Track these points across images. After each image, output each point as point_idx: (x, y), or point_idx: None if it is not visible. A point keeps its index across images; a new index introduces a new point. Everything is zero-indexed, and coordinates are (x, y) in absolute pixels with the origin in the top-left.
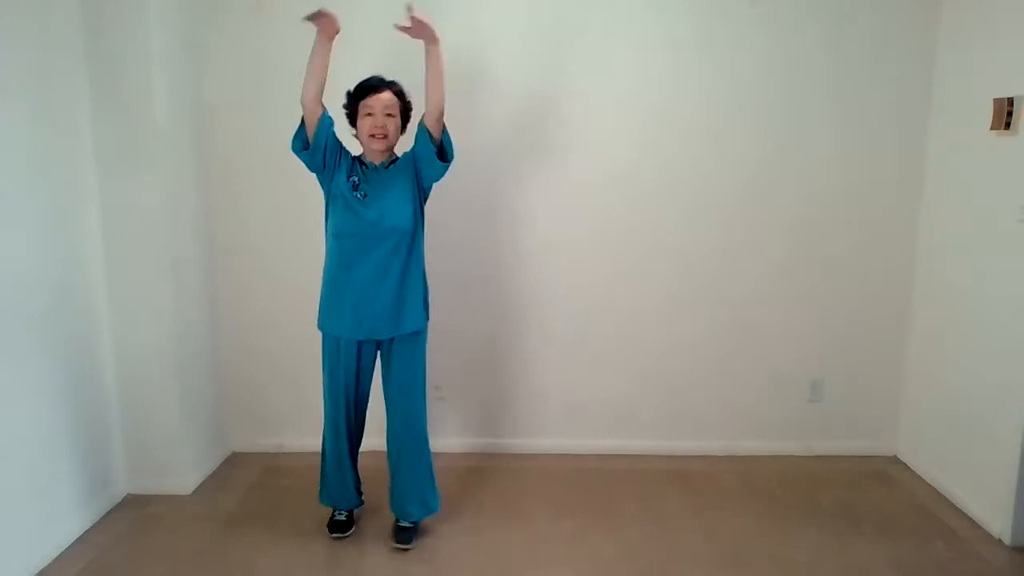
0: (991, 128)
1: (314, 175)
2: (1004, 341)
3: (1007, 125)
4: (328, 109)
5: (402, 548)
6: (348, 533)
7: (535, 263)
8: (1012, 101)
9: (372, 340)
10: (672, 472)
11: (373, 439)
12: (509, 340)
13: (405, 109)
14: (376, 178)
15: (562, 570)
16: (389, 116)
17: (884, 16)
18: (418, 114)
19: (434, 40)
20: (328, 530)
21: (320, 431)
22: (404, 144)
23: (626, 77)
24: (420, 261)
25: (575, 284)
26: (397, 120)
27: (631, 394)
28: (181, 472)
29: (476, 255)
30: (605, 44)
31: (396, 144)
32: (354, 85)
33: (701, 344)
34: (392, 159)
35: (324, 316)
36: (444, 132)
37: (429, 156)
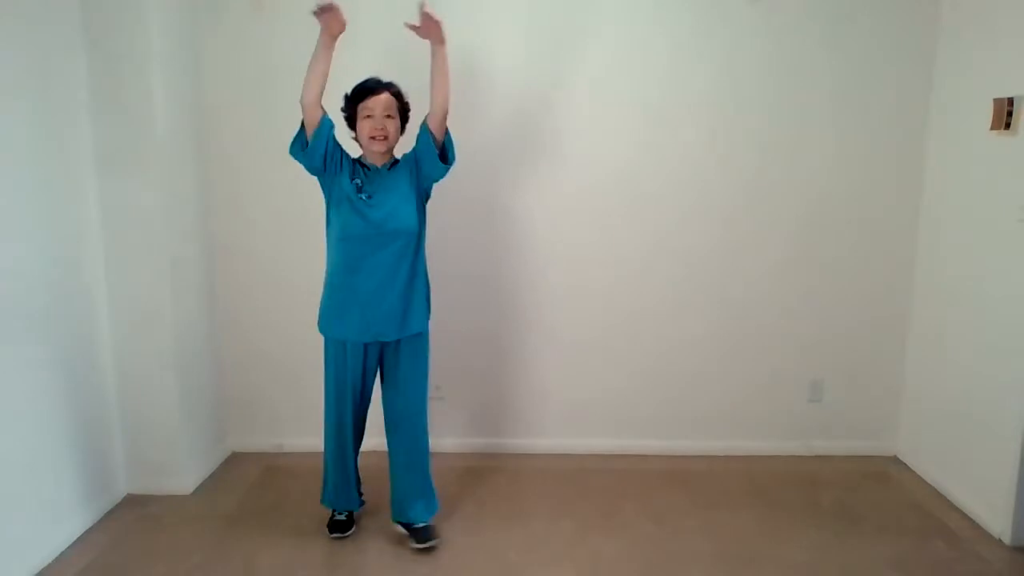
0: (991, 128)
1: (314, 178)
2: (1004, 341)
3: (1007, 125)
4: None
5: (428, 547)
6: (348, 533)
7: (535, 263)
8: (1012, 101)
9: (377, 342)
10: (672, 472)
11: (372, 439)
12: (509, 340)
13: (404, 110)
14: (379, 180)
15: (562, 570)
16: (389, 117)
17: (884, 16)
18: (417, 114)
19: (441, 41)
20: (328, 530)
21: (320, 431)
22: (403, 145)
23: (626, 77)
24: (424, 262)
25: (575, 284)
26: (397, 121)
27: (631, 394)
28: (181, 472)
29: (476, 255)
30: (605, 44)
31: (396, 145)
32: (351, 88)
33: (701, 344)
34: (393, 160)
35: (329, 319)
36: (446, 134)
37: (431, 157)
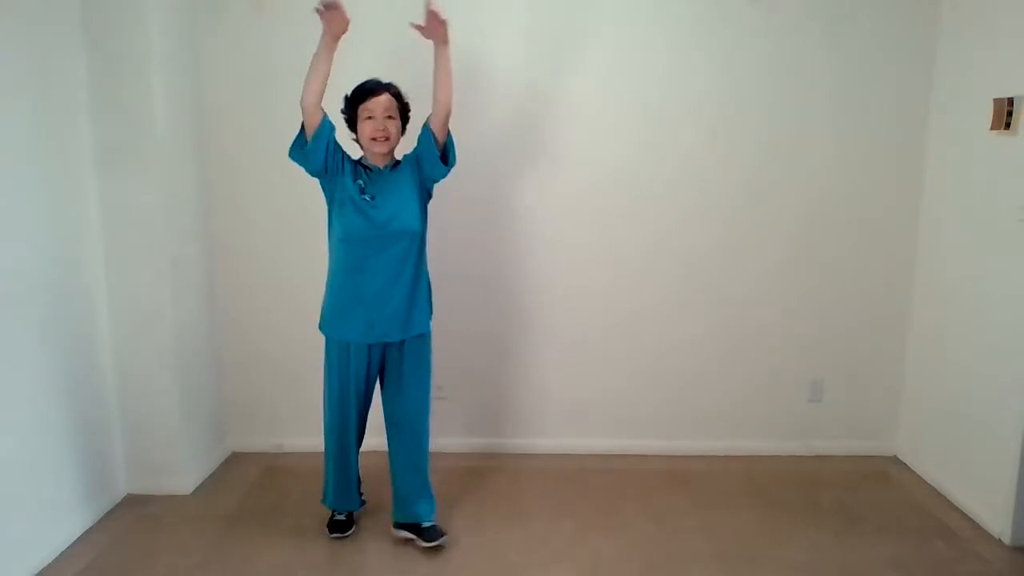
0: (991, 128)
1: (315, 179)
2: (1004, 341)
3: (1007, 125)
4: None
5: (438, 545)
6: (348, 533)
7: (535, 263)
8: (1012, 101)
9: (380, 343)
10: (672, 472)
11: (372, 439)
12: (510, 340)
13: (404, 110)
14: (381, 181)
15: (562, 570)
16: (390, 118)
17: (884, 16)
18: (417, 114)
19: (445, 42)
20: (328, 530)
21: (319, 431)
22: (404, 146)
23: (626, 77)
24: (426, 262)
25: (575, 284)
26: (398, 122)
27: (631, 394)
28: (181, 472)
29: (476, 255)
30: (605, 44)
31: (397, 145)
32: (351, 89)
33: (701, 344)
34: (394, 161)
35: (332, 321)
36: (448, 135)
37: (432, 159)
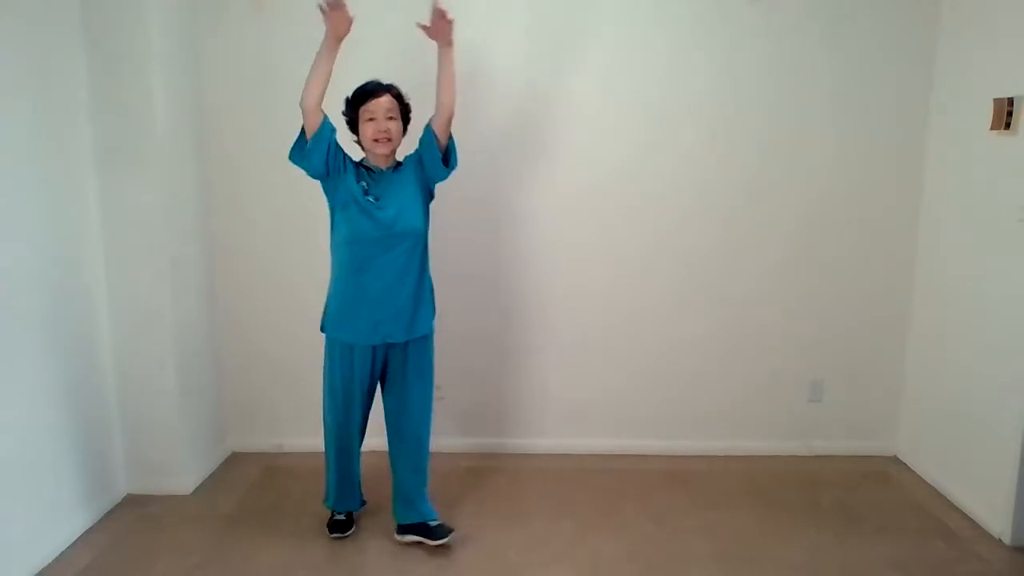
0: (991, 128)
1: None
2: (1004, 341)
3: (1007, 125)
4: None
5: (446, 541)
6: (348, 533)
7: (535, 263)
8: (1012, 101)
9: (385, 344)
10: (672, 472)
11: (371, 439)
12: (510, 340)
13: (405, 111)
14: (384, 182)
15: (562, 570)
16: (391, 119)
17: (884, 16)
18: (420, 116)
19: (450, 43)
20: (328, 530)
21: (319, 431)
22: (404, 147)
23: (626, 77)
24: (428, 263)
25: (575, 284)
26: (399, 122)
27: (631, 394)
28: (181, 472)
29: (476, 255)
30: (605, 44)
31: (399, 146)
32: (351, 91)
33: (702, 344)
34: (396, 162)
35: (337, 323)
36: (450, 137)
37: (434, 161)
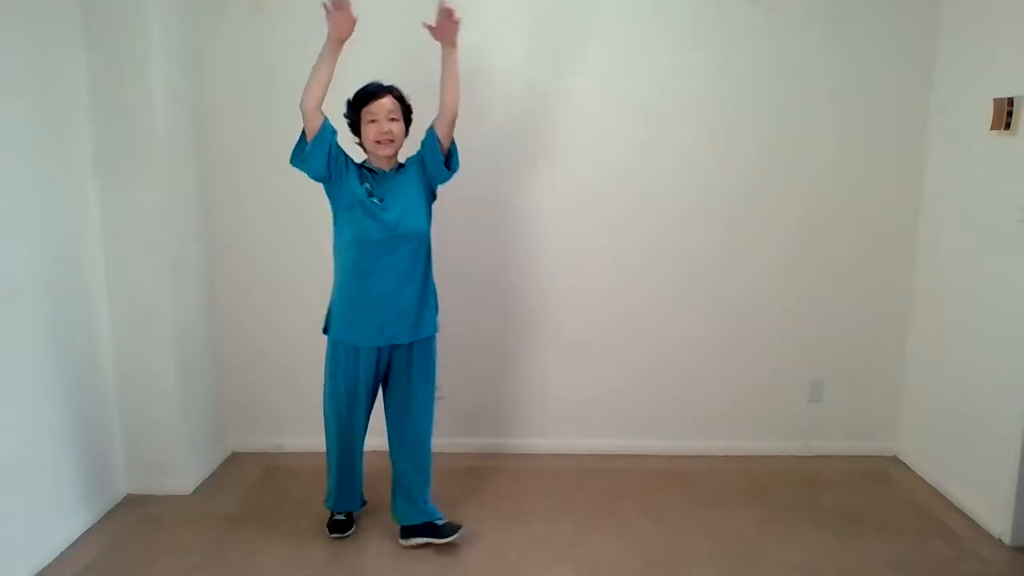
0: (991, 128)
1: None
2: (1004, 341)
3: (1007, 125)
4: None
5: (455, 538)
6: (348, 533)
7: (535, 263)
8: (1012, 101)
9: (390, 345)
10: (672, 472)
11: (371, 439)
12: (510, 340)
13: (406, 112)
14: (387, 183)
15: (562, 570)
16: (393, 120)
17: (884, 16)
18: (422, 118)
19: (454, 44)
20: (328, 530)
21: (319, 431)
22: (405, 149)
23: (626, 77)
24: (432, 264)
25: (576, 284)
26: (401, 123)
27: (631, 394)
28: (181, 472)
29: (476, 255)
30: (605, 44)
31: (401, 147)
32: (353, 93)
33: (702, 344)
34: (398, 164)
35: (342, 325)
36: (451, 141)
37: (436, 164)
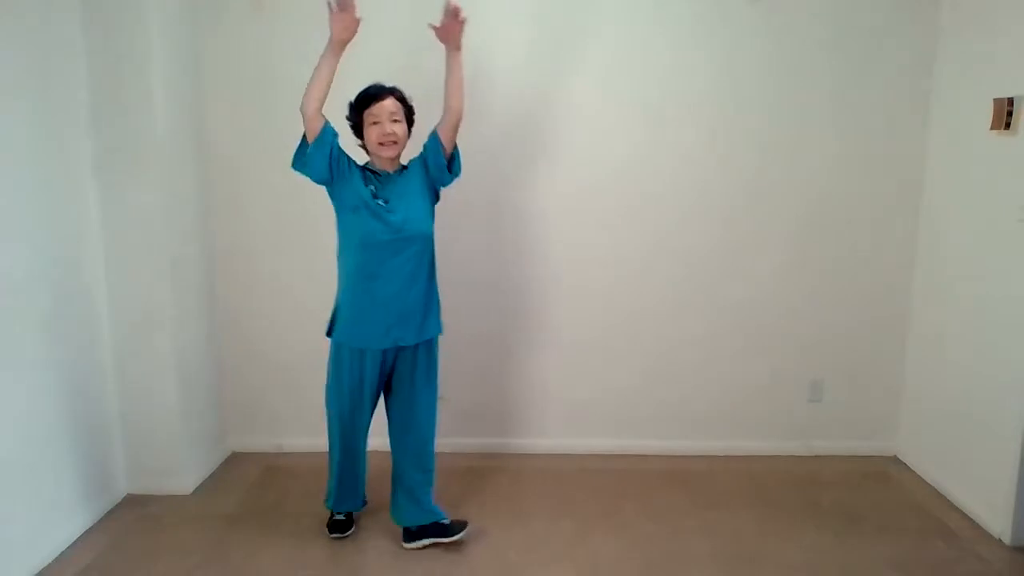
0: (991, 128)
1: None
2: (1004, 341)
3: (1007, 125)
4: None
5: (462, 536)
6: (348, 533)
7: (535, 263)
8: (1012, 101)
9: (395, 347)
10: (672, 472)
11: (371, 439)
12: (510, 340)
13: (409, 113)
14: (391, 185)
15: (562, 570)
16: (396, 122)
17: (884, 16)
18: (425, 120)
19: (458, 46)
20: (328, 530)
21: (320, 431)
22: (407, 151)
23: (626, 77)
24: (436, 266)
25: (576, 284)
26: (404, 125)
27: (631, 394)
28: (181, 472)
29: (476, 255)
30: (605, 44)
31: (404, 148)
32: (355, 95)
33: (702, 344)
34: (401, 166)
35: (348, 327)
36: (455, 146)
37: (439, 167)
